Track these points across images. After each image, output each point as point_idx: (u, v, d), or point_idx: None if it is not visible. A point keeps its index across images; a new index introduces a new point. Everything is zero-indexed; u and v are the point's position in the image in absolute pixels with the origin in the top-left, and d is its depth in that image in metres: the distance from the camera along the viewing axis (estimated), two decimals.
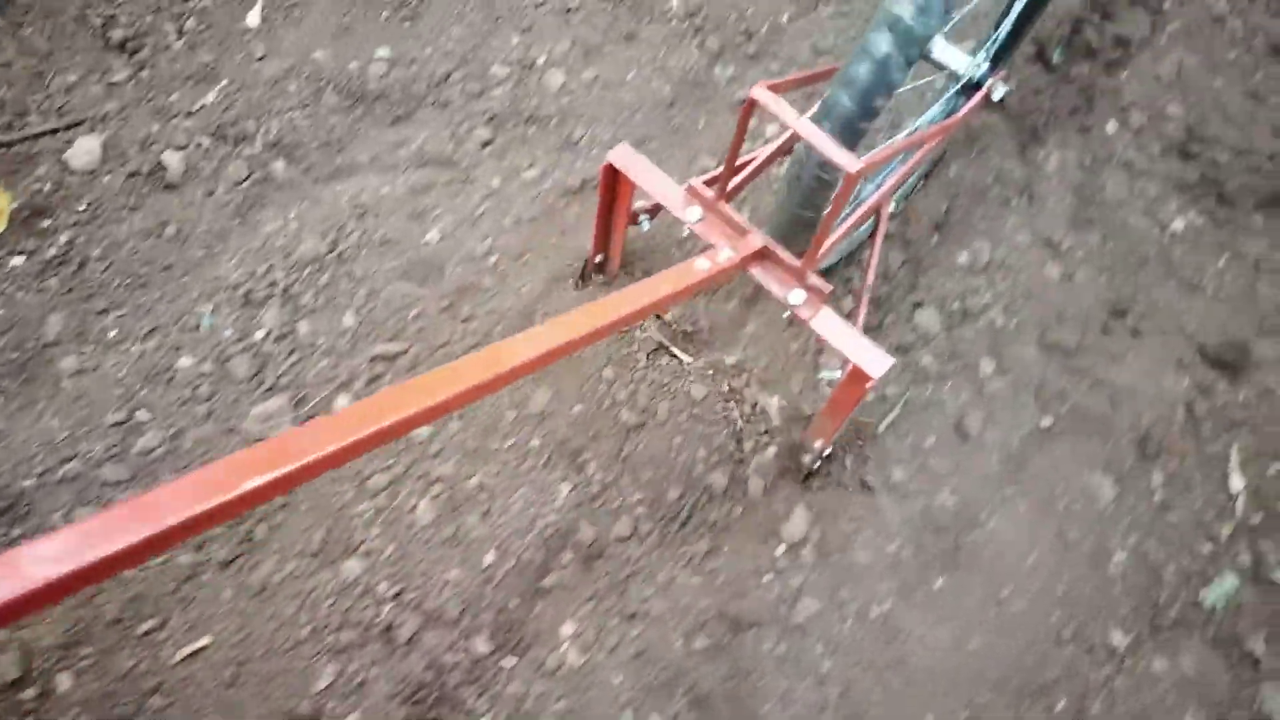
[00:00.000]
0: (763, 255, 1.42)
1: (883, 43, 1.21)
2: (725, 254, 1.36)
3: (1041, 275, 1.94)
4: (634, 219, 1.61)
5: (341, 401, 1.76)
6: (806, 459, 1.67)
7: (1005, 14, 1.69)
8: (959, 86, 1.64)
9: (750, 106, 1.24)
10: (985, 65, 1.62)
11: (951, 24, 1.37)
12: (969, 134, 2.10)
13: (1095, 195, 2.03)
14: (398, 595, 1.63)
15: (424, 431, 1.74)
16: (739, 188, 1.46)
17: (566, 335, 1.10)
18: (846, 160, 1.18)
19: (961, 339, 1.89)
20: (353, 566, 1.64)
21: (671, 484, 1.73)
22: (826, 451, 1.65)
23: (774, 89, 1.26)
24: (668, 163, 1.99)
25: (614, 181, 1.51)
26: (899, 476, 1.76)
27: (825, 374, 1.78)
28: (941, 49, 1.42)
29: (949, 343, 1.88)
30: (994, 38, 1.71)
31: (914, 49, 1.23)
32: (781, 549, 1.70)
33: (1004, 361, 1.87)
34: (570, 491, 1.72)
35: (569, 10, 2.21)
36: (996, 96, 1.65)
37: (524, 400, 1.79)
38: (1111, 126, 2.12)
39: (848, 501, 1.73)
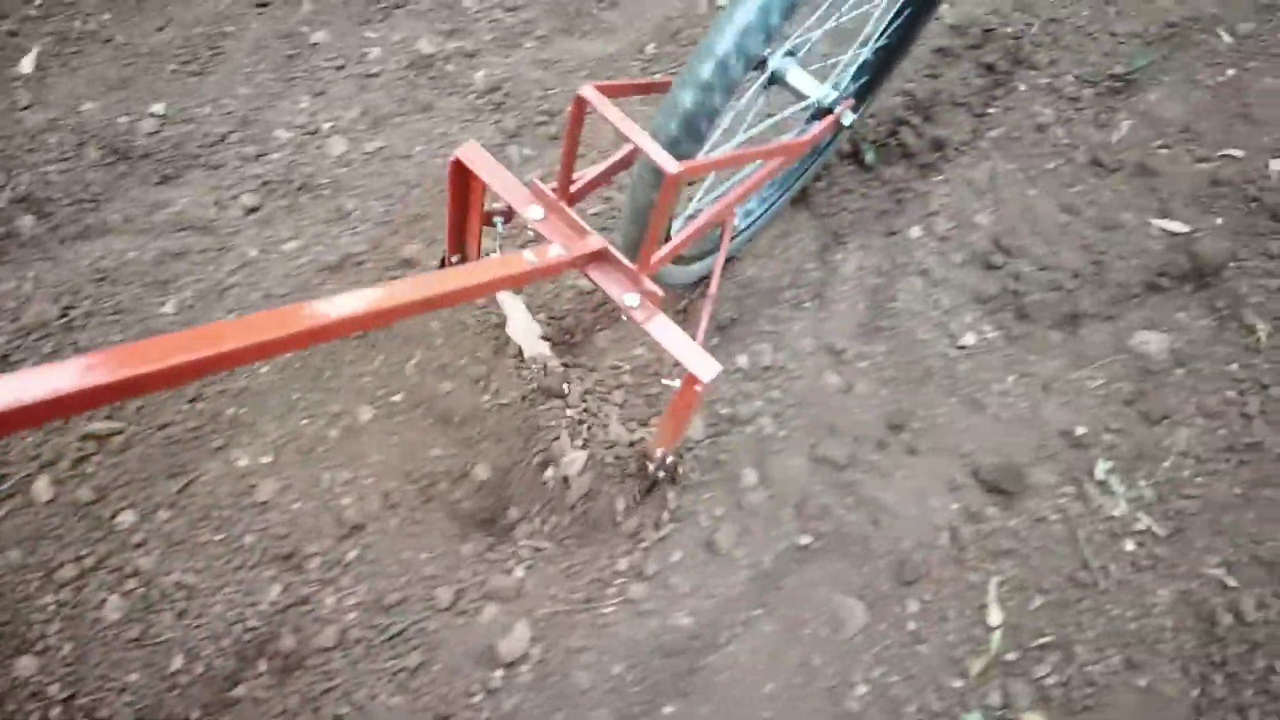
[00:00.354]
0: (600, 257, 1.50)
1: (706, 68, 1.32)
2: (555, 250, 1.42)
3: (820, 384, 1.97)
4: (488, 220, 1.64)
5: (42, 483, 1.73)
6: (650, 467, 1.74)
7: (860, 46, 1.82)
8: (810, 111, 1.73)
9: (580, 105, 1.31)
10: (834, 93, 1.70)
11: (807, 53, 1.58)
12: (775, 233, 2.13)
13: (888, 303, 2.06)
14: (69, 699, 1.59)
15: (127, 519, 1.71)
16: (584, 191, 1.57)
17: (383, 303, 1.12)
18: (666, 162, 1.27)
19: (726, 447, 1.90)
20: (26, 665, 1.60)
21: (395, 589, 1.71)
22: (669, 459, 1.72)
23: (604, 90, 1.33)
24: (443, 236, 2.01)
25: (463, 179, 1.55)
26: (636, 592, 1.75)
27: (666, 382, 1.90)
28: (794, 76, 1.56)
29: (712, 450, 1.89)
30: (846, 68, 1.83)
31: (736, 75, 1.34)
32: (498, 667, 1.67)
33: (768, 473, 1.88)
34: (280, 593, 1.69)
35: (369, 76, 2.25)
36: (846, 122, 1.74)
37: (246, 490, 1.77)
38: (915, 232, 2.17)
39: (574, 618, 1.71)
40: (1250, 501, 1.93)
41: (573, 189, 1.51)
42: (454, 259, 1.76)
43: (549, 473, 1.81)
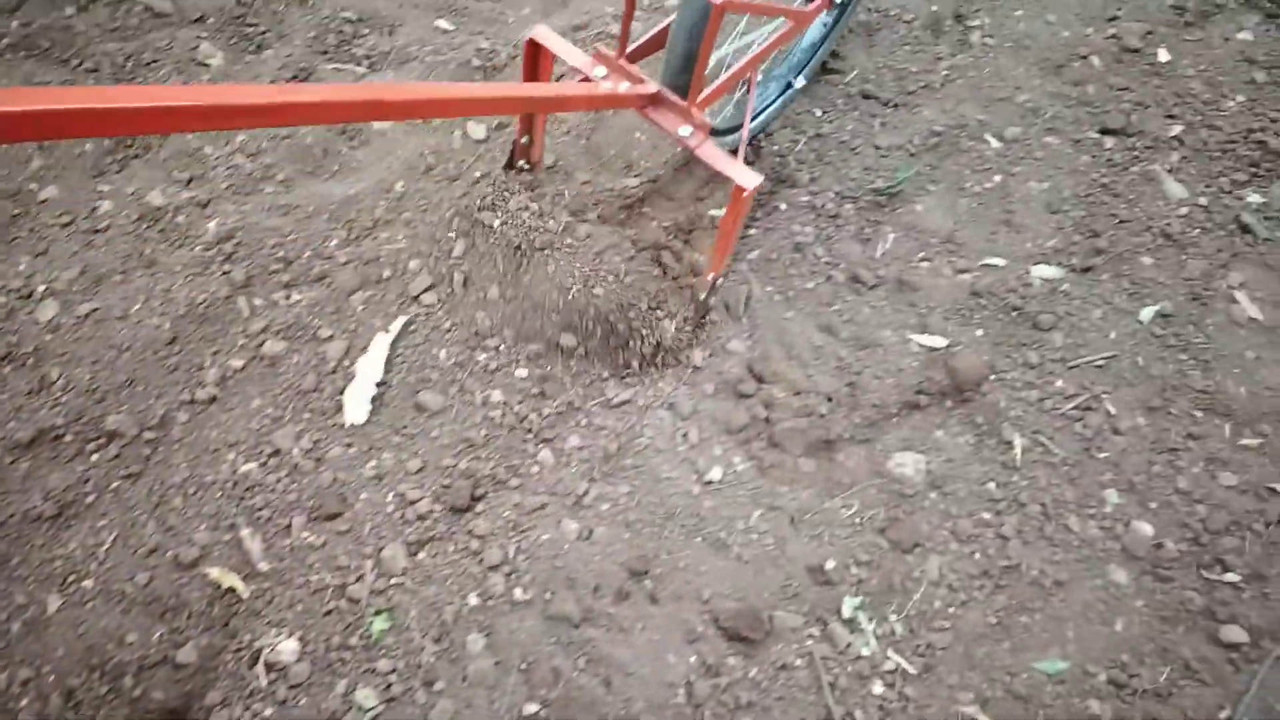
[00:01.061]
0: (656, 99, 1.89)
1: None
2: (624, 85, 1.82)
3: (558, 533, 1.94)
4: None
5: None
6: (702, 294, 2.10)
7: None
8: None
9: None
10: None
11: None
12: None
13: (634, 440, 2.05)
14: None
15: None
16: (639, 54, 1.95)
17: (479, 94, 1.42)
18: None
19: (453, 612, 1.84)
20: None
21: None
22: (720, 281, 2.11)
23: None
24: (153, 402, 1.98)
25: (535, 57, 1.89)
26: None
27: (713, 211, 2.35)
28: None
29: (435, 616, 1.83)
30: None
31: None
32: None
33: (496, 637, 1.83)
34: None
35: (95, 232, 2.23)
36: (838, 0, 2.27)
37: None
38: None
39: None
40: (1006, 629, 1.92)
41: (629, 50, 1.89)
42: (524, 139, 2.14)
43: (260, 662, 1.75)
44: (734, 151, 2.02)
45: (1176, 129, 2.68)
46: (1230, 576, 1.99)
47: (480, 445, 2.05)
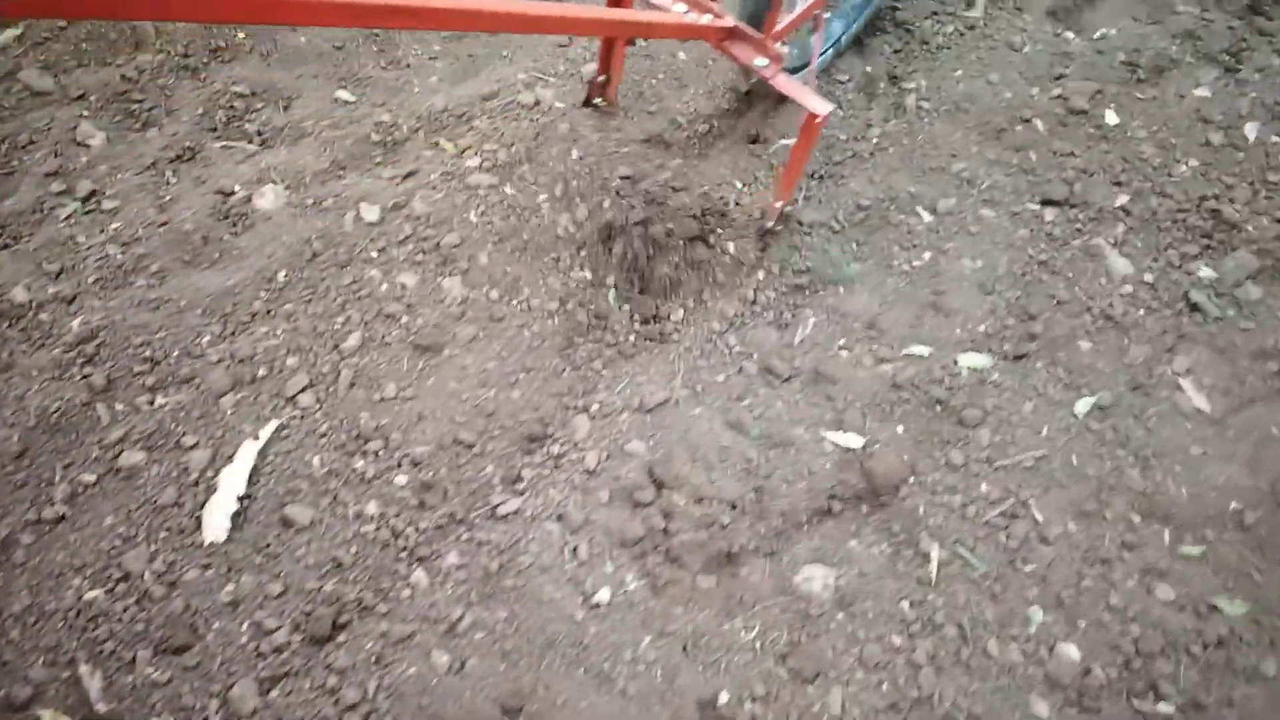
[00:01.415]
0: (734, 33, 2.05)
1: None
2: (706, 17, 1.98)
3: (426, 666, 1.80)
4: (630, 40, 2.04)
5: None
6: (768, 223, 2.31)
7: None
8: None
9: None
10: None
11: None
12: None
13: (517, 558, 1.92)
14: None
15: None
16: None
17: (580, 14, 1.62)
18: None
19: None
20: None
21: None
22: (787, 209, 2.30)
23: None
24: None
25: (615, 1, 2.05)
26: None
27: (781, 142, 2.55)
28: None
29: None
30: None
31: None
32: None
33: None
34: None
35: None
36: None
37: None
38: (559, 468, 2.04)
39: None
40: None
41: None
42: (601, 78, 2.34)
43: None
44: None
45: (1123, 198, 2.55)
46: (1164, 707, 1.84)
47: (349, 566, 1.92)
